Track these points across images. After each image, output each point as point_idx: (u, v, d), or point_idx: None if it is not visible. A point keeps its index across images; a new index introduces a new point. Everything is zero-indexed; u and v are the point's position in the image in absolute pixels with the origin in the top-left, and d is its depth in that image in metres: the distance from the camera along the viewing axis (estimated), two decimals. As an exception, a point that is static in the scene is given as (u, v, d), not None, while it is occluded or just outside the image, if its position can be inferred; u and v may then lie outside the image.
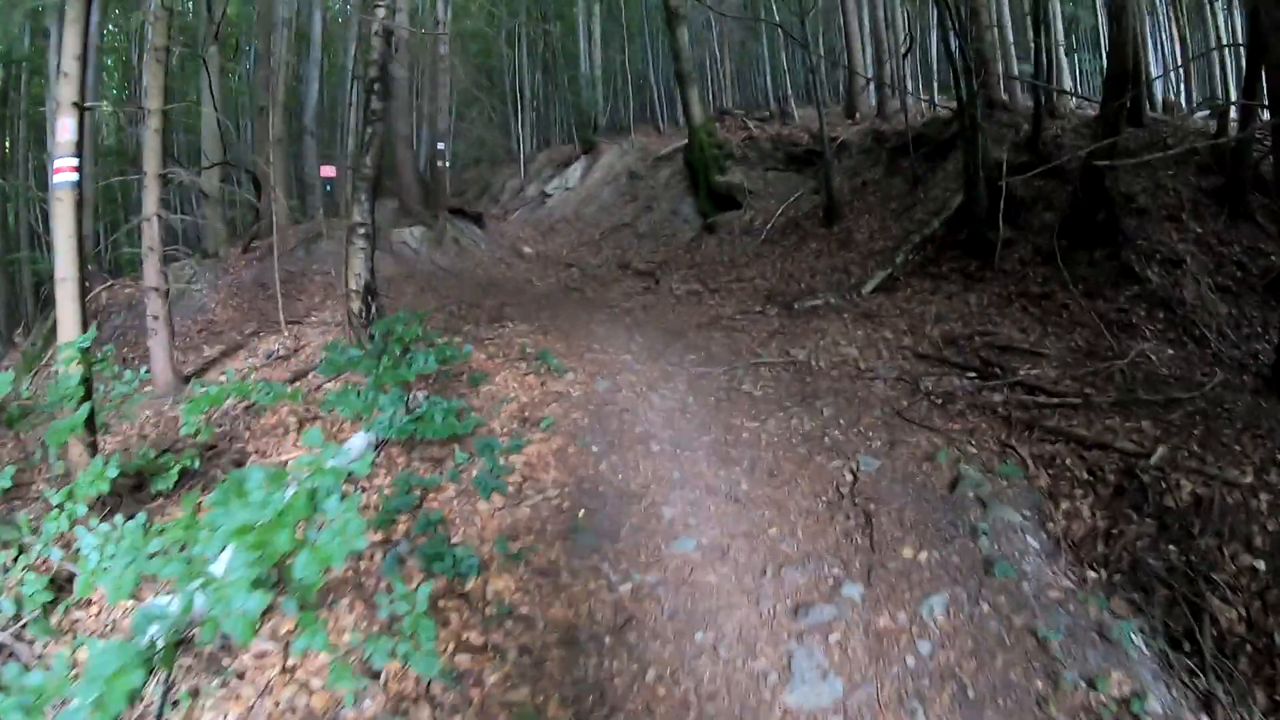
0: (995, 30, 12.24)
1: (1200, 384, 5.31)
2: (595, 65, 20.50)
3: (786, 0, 20.27)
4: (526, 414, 5.16)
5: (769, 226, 12.26)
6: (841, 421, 4.72)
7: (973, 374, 5.77)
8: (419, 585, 3.48)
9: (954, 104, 10.60)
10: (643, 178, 16.36)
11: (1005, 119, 11.14)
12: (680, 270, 11.55)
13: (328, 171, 16.82)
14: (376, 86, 5.81)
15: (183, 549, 2.57)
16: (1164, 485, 4.10)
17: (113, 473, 3.88)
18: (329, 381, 5.57)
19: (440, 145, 13.11)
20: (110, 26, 17.01)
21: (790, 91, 19.99)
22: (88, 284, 13.95)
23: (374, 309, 6.17)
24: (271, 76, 12.58)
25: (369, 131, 5.83)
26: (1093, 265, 7.82)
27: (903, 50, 13.43)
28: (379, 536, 4.15)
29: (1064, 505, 4.12)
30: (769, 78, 21.54)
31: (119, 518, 3.47)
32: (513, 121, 21.72)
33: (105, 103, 14.66)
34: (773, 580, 3.38)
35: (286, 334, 8.84)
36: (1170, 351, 6.33)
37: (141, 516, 3.35)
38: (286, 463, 5.61)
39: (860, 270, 9.56)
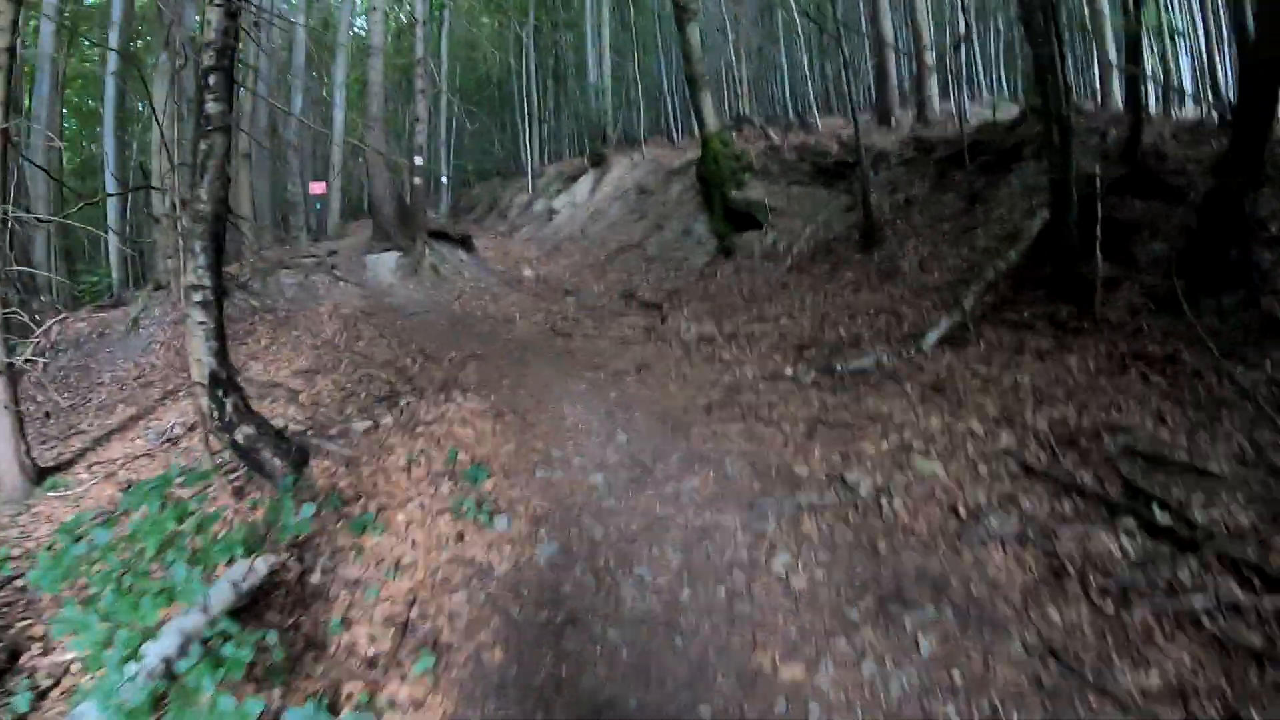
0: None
1: None
2: (605, 74, 18.12)
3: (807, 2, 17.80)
4: (415, 613, 2.90)
5: (795, 251, 9.87)
6: (957, 678, 2.35)
7: (1129, 516, 3.39)
8: None
9: (1018, 106, 8.24)
10: (653, 193, 14.02)
11: (1083, 123, 8.63)
12: (691, 304, 9.22)
13: (318, 188, 14.79)
14: (213, 80, 3.58)
15: None
16: None
17: None
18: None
19: (418, 160, 10.93)
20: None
21: (812, 100, 17.46)
22: (39, 316, 11.74)
23: (230, 408, 3.95)
24: (239, 85, 10.54)
25: (205, 147, 3.60)
26: (1223, 316, 5.31)
27: (958, 39, 10.82)
28: None
29: None
30: (787, 86, 18.98)
31: None
32: (521, 133, 19.50)
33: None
34: None
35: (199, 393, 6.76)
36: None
37: None
38: (68, 668, 3.44)
39: (914, 312, 7.14)
